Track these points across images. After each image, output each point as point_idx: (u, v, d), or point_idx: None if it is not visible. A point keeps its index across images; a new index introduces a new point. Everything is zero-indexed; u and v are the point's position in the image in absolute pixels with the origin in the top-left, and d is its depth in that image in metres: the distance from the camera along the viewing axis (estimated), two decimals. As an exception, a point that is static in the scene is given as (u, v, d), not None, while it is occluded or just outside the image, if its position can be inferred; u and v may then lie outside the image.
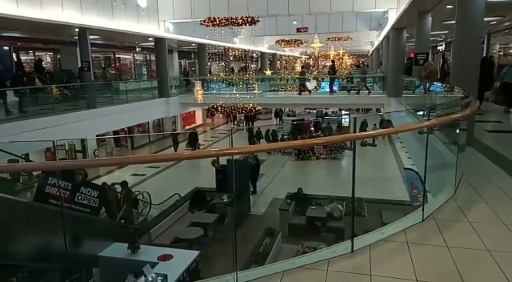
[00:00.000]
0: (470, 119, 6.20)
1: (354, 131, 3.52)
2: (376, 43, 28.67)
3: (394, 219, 3.73)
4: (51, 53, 20.26)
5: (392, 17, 15.50)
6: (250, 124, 25.52)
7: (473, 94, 5.92)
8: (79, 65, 15.89)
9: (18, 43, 17.48)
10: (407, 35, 17.13)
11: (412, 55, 16.66)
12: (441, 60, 24.77)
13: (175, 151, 19.80)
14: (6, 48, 16.57)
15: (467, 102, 4.67)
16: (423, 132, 4.74)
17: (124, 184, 10.20)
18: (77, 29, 14.20)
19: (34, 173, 7.76)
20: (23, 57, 18.72)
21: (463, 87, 6.32)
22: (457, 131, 4.79)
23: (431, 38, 16.31)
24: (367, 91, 19.90)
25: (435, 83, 11.21)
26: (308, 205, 10.69)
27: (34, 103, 13.03)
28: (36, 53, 19.43)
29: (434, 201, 4.25)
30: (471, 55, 7.05)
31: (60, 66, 19.32)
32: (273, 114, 28.98)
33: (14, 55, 17.38)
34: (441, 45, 27.77)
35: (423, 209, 3.74)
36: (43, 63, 17.40)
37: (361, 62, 43.58)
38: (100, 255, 6.89)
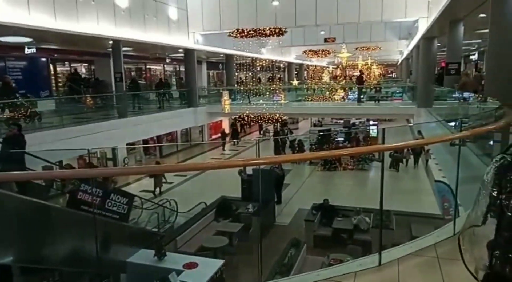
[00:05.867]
0: (505, 131, 5.97)
1: (383, 143, 3.47)
2: (405, 53, 28.17)
3: (424, 233, 3.62)
4: (86, 64, 21.09)
5: (423, 27, 15.19)
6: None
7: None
8: (112, 76, 16.44)
9: (55, 55, 18.26)
10: (438, 44, 16.74)
11: (443, 64, 16.27)
12: (473, 70, 24.04)
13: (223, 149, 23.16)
14: (43, 59, 17.33)
15: (502, 113, 4.51)
16: (455, 144, 4.61)
17: None
18: (111, 41, 14.72)
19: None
20: (59, 68, 19.56)
21: (498, 97, 6.10)
22: (491, 143, 4.64)
23: (463, 47, 15.86)
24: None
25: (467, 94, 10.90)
26: (335, 216, 10.54)
27: (68, 113, 13.53)
28: (72, 65, 20.28)
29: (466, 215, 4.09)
30: (506, 63, 6.82)
31: (94, 77, 20.05)
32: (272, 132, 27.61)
33: (51, 66, 18.19)
34: (474, 54, 26.95)
35: (454, 223, 3.61)
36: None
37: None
38: (128, 261, 7.03)
